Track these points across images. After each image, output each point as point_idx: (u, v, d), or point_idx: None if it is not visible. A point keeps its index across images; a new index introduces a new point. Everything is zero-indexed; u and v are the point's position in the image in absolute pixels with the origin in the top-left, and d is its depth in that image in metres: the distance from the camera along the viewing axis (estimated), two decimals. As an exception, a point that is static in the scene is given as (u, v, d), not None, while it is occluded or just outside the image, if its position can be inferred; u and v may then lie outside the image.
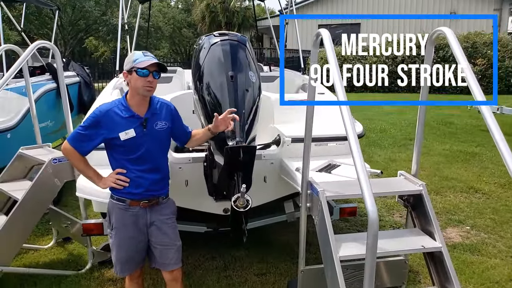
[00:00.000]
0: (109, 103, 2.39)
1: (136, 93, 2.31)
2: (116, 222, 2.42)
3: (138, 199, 2.38)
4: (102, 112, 2.33)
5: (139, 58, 2.27)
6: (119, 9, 5.43)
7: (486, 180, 5.70)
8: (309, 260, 3.34)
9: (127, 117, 2.32)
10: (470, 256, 3.68)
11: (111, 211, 2.44)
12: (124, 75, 2.34)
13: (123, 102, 2.35)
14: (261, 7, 27.20)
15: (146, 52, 2.34)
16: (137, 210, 2.40)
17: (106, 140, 2.34)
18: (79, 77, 7.29)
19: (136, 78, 2.26)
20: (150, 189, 2.40)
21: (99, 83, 14.72)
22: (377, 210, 1.69)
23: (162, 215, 2.46)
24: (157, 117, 2.39)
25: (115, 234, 2.43)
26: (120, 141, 2.30)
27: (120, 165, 2.37)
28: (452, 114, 10.94)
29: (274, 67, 6.49)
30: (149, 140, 2.36)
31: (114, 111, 2.33)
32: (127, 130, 2.30)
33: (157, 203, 2.45)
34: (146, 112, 2.36)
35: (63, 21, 23.34)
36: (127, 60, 2.32)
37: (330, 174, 2.91)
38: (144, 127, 2.34)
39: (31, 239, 3.99)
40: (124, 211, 2.39)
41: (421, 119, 2.66)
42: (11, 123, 4.67)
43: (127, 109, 2.33)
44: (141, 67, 2.24)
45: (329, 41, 2.13)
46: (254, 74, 2.80)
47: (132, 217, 2.40)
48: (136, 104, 2.34)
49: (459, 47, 2.08)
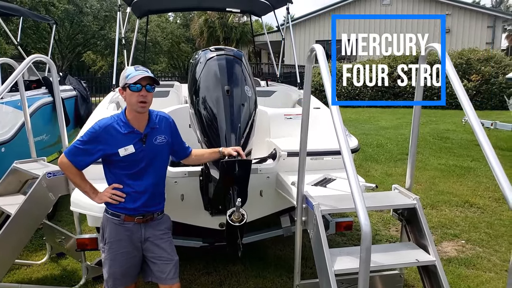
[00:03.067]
0: (108, 118, 2.37)
1: (132, 109, 2.30)
2: (110, 236, 2.38)
3: (133, 214, 2.36)
4: (101, 127, 2.30)
5: (131, 74, 2.27)
6: (117, 23, 5.48)
7: (481, 194, 5.72)
8: (306, 275, 3.33)
9: (126, 133, 2.30)
10: (465, 270, 3.67)
11: (105, 225, 2.41)
12: (120, 92, 2.35)
13: (122, 117, 2.33)
14: (259, 23, 27.54)
15: (138, 67, 2.33)
16: (132, 225, 2.37)
17: (105, 156, 2.31)
18: (76, 91, 7.30)
19: (130, 93, 2.26)
20: (147, 204, 2.37)
21: (96, 97, 14.74)
22: (371, 223, 1.69)
23: (157, 231, 2.43)
24: (156, 131, 2.38)
25: (108, 249, 2.39)
26: (119, 156, 2.29)
27: (118, 180, 2.35)
28: (448, 129, 11.02)
29: (271, 82, 6.55)
30: (149, 156, 2.34)
31: (113, 127, 2.30)
32: (126, 146, 2.28)
33: (152, 219, 2.42)
34: (145, 127, 2.35)
35: (61, 35, 23.55)
36: (121, 77, 2.33)
37: (325, 188, 2.91)
38: (144, 143, 2.32)
39: (24, 254, 3.95)
40: (119, 226, 2.36)
41: (414, 134, 2.68)
42: (5, 136, 4.65)
43: (126, 124, 2.31)
44: (133, 82, 2.23)
45: (322, 57, 2.16)
46: (250, 88, 2.83)
47: (126, 232, 2.37)
48: (135, 120, 2.33)
49: (449, 62, 2.12)
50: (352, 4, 23.97)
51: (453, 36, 22.41)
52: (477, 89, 15.25)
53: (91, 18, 23.71)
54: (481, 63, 15.58)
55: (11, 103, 4.94)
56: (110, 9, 24.34)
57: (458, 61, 15.50)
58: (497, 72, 15.29)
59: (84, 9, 23.13)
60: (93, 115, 3.77)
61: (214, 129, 2.61)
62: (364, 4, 23.76)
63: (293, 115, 3.68)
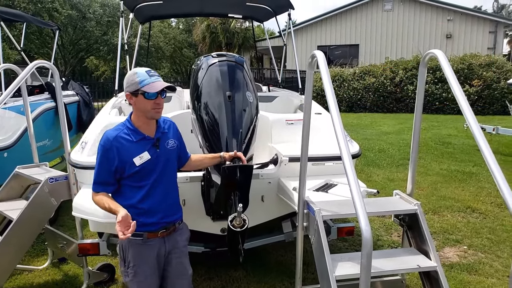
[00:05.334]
0: (112, 129, 2.21)
1: (144, 115, 2.16)
2: (135, 259, 2.22)
3: (155, 229, 2.20)
4: (109, 139, 2.14)
5: (145, 80, 2.10)
6: (120, 29, 5.51)
7: (483, 199, 5.70)
8: (307, 280, 3.32)
9: (137, 140, 2.17)
10: (467, 276, 3.65)
11: (126, 248, 2.23)
12: (128, 96, 2.16)
13: (129, 125, 2.19)
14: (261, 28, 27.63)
15: (150, 71, 2.16)
16: (156, 241, 2.23)
17: (118, 171, 2.15)
18: (79, 96, 7.33)
19: (143, 101, 2.11)
20: (167, 214, 2.25)
21: (99, 102, 14.79)
22: (372, 229, 1.69)
23: (179, 242, 2.34)
24: (166, 136, 2.29)
25: (134, 273, 2.22)
26: (136, 167, 2.14)
27: (131, 195, 2.18)
28: (450, 134, 11.01)
29: (272, 87, 6.56)
30: (163, 161, 2.23)
31: (122, 136, 2.15)
32: (141, 154, 2.15)
33: (175, 230, 2.32)
34: (155, 132, 2.24)
35: (64, 40, 23.68)
36: (130, 81, 2.13)
37: (327, 193, 2.91)
38: (157, 147, 2.20)
39: (25, 259, 3.96)
40: (142, 245, 2.21)
41: (415, 140, 2.68)
42: (8, 142, 4.68)
43: (136, 132, 2.18)
44: (150, 91, 2.08)
45: (323, 63, 2.17)
46: (251, 94, 2.84)
47: (151, 251, 2.23)
48: (145, 125, 2.20)
49: (449, 68, 2.13)
50: (354, 10, 24.04)
51: (455, 41, 22.45)
52: (479, 94, 15.24)
53: (94, 23, 23.83)
54: (483, 69, 15.57)
55: (14, 108, 4.97)
56: (113, 15, 24.49)
57: (460, 66, 15.50)
58: (498, 77, 15.28)
59: (87, 14, 23.28)
60: (96, 120, 3.79)
61: (216, 134, 2.62)
62: (366, 10, 23.83)
63: (294, 121, 3.69)
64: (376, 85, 16.57)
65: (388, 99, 16.64)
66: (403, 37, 23.31)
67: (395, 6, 23.36)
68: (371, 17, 23.76)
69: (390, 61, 17.78)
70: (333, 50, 24.39)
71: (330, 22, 24.48)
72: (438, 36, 22.68)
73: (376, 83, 16.58)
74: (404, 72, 16.35)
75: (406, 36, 23.24)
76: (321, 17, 24.61)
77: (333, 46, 24.50)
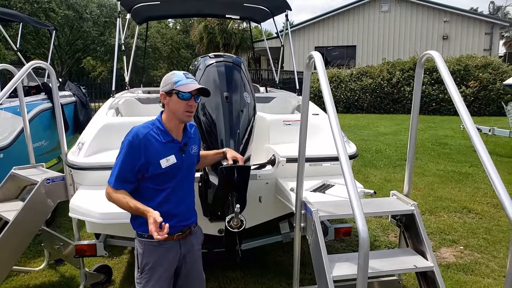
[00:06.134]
0: (142, 125, 2.15)
1: (175, 117, 2.13)
2: (152, 262, 2.18)
3: (171, 232, 2.08)
4: (139, 136, 2.08)
5: (181, 80, 2.09)
6: (117, 29, 5.51)
7: (479, 200, 5.72)
8: (304, 281, 3.33)
9: (166, 142, 2.13)
10: (463, 276, 3.67)
11: (142, 252, 2.19)
12: (162, 96, 2.14)
13: (159, 125, 2.15)
14: (259, 29, 27.66)
15: (187, 74, 2.15)
16: (172, 244, 2.19)
17: (142, 170, 2.09)
18: (75, 97, 7.31)
19: (176, 101, 2.08)
20: (183, 218, 2.23)
21: (96, 103, 14.75)
22: (369, 230, 1.70)
23: (193, 246, 2.32)
24: (192, 141, 2.26)
25: (150, 276, 2.18)
26: (161, 169, 2.09)
27: (150, 198, 2.13)
28: (446, 135, 11.05)
29: (270, 88, 6.57)
30: (186, 166, 2.20)
31: (152, 135, 2.10)
32: (168, 157, 2.10)
33: (190, 233, 2.29)
34: (183, 136, 2.21)
35: (61, 41, 23.62)
36: (167, 80, 2.13)
37: (324, 194, 2.92)
38: (183, 152, 2.18)
39: (22, 261, 3.94)
40: (158, 247, 2.17)
41: (412, 141, 2.69)
42: (4, 142, 4.65)
43: (165, 133, 2.14)
44: (184, 91, 2.06)
45: (321, 64, 2.17)
46: (249, 95, 2.84)
47: (166, 253, 2.19)
48: (176, 128, 2.17)
49: (446, 69, 2.14)
50: (351, 11, 24.11)
51: (451, 42, 22.55)
52: (475, 96, 15.31)
53: (91, 24, 23.79)
54: (479, 70, 15.66)
55: (10, 109, 4.95)
56: (110, 15, 24.44)
57: (456, 68, 15.58)
58: (494, 78, 15.36)
59: (84, 15, 23.23)
60: (93, 121, 3.78)
61: (213, 135, 2.62)
62: (363, 11, 23.90)
63: (292, 121, 3.70)
64: (373, 86, 16.63)
65: (385, 100, 16.69)
66: (400, 38, 23.40)
67: (392, 7, 23.46)
68: (368, 18, 23.84)
69: (387, 62, 17.83)
70: (330, 51, 24.45)
71: (327, 23, 24.53)
72: (435, 37, 22.79)
73: (373, 84, 16.64)
74: (401, 73, 16.41)
75: (403, 37, 23.34)
76: (318, 18, 24.67)
77: (330, 47, 24.57)
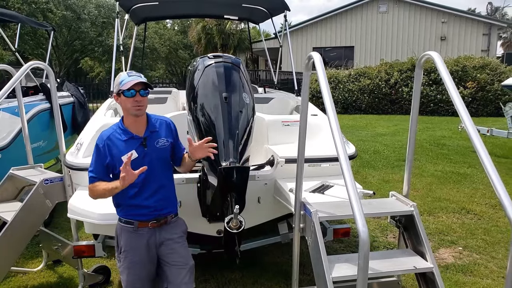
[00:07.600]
0: (107, 129, 2.41)
1: (129, 113, 2.33)
2: (125, 245, 2.38)
3: (146, 220, 2.35)
4: (103, 138, 2.34)
5: (124, 80, 2.29)
6: (115, 30, 5.50)
7: (478, 201, 5.73)
8: (303, 282, 3.32)
9: (126, 139, 2.33)
10: (462, 277, 3.67)
11: (120, 234, 2.41)
12: (115, 98, 2.37)
13: (120, 125, 2.37)
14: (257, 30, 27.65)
15: (131, 72, 2.36)
16: (146, 231, 2.37)
17: (110, 167, 2.32)
18: (73, 98, 7.29)
19: (124, 99, 2.29)
20: (157, 208, 2.37)
21: (94, 104, 14.73)
22: (369, 230, 1.69)
23: (173, 234, 2.43)
24: (156, 135, 2.40)
25: (124, 258, 2.39)
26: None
27: (122, 192, 2.26)
28: (444, 136, 11.07)
29: (268, 89, 6.56)
30: (152, 160, 2.34)
31: (114, 135, 2.34)
32: (128, 153, 2.26)
33: (166, 222, 2.42)
34: (144, 131, 2.36)
35: (59, 41, 23.58)
36: (115, 83, 2.36)
37: (323, 194, 2.91)
38: (145, 146, 2.34)
39: (20, 261, 3.92)
40: (133, 233, 2.36)
41: (412, 141, 2.69)
42: (2, 143, 4.64)
43: (125, 131, 2.34)
44: (126, 88, 2.26)
45: (320, 64, 2.17)
46: (247, 95, 2.84)
47: (141, 239, 2.36)
48: (133, 125, 2.35)
49: (445, 70, 2.14)
50: (349, 12, 24.14)
51: (449, 43, 22.61)
52: (473, 96, 15.35)
53: (89, 24, 23.74)
54: (477, 70, 15.69)
55: (8, 110, 4.94)
56: (108, 16, 24.41)
57: (454, 68, 15.61)
58: (492, 79, 15.40)
59: (82, 15, 23.18)
60: (91, 122, 3.77)
61: (212, 135, 2.61)
62: (361, 12, 23.94)
63: (290, 122, 3.69)
64: (371, 87, 16.63)
65: (383, 101, 16.70)
66: (397, 39, 23.44)
67: (390, 8, 23.51)
68: (366, 19, 23.88)
69: (385, 63, 17.85)
70: (328, 51, 24.47)
71: (326, 24, 24.56)
72: (433, 38, 22.84)
73: (371, 84, 16.64)
74: (399, 74, 16.41)
75: (401, 38, 23.38)
76: (317, 19, 24.70)
77: (328, 48, 24.59)
